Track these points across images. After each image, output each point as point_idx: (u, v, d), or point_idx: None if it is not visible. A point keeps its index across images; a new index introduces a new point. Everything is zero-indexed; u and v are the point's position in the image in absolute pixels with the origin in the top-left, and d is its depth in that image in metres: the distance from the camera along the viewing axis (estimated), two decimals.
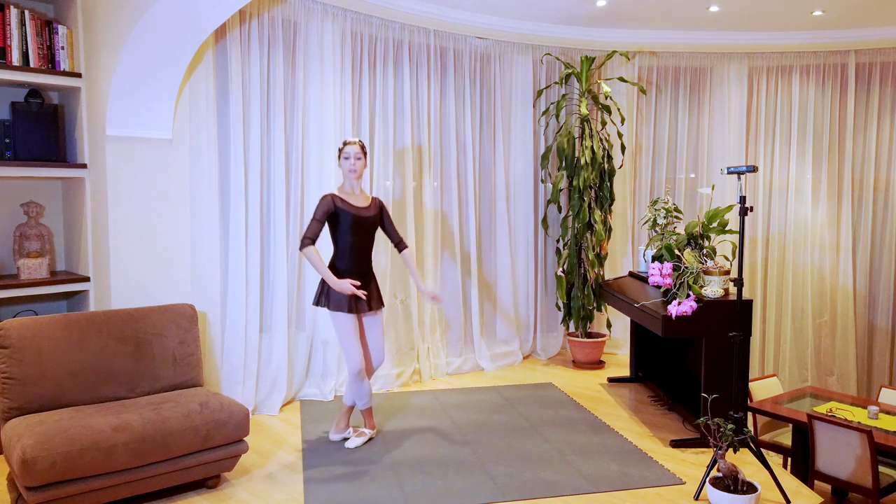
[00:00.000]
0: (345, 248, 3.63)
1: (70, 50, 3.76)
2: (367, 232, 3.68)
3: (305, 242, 3.45)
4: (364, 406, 3.76)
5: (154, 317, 3.49)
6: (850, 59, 5.96)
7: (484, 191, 5.66)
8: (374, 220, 3.71)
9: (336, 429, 3.84)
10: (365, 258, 3.70)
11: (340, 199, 3.59)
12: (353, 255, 3.64)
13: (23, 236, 3.77)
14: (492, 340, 5.70)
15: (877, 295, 6.07)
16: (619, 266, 6.09)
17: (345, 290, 3.47)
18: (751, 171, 3.31)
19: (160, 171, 3.84)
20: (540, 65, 5.80)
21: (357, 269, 3.65)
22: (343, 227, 3.60)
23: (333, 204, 3.56)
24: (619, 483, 3.30)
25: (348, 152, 3.64)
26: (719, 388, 3.68)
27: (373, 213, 3.70)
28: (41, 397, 3.07)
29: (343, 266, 3.63)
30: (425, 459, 3.56)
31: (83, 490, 2.76)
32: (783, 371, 6.13)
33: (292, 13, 4.42)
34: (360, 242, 3.65)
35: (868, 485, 3.48)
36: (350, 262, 3.64)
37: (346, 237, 3.61)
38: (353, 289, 3.48)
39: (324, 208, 3.54)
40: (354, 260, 3.64)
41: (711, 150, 6.15)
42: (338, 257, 3.65)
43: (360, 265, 3.68)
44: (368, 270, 3.73)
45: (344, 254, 3.63)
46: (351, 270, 3.63)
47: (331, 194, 3.59)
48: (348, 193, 3.66)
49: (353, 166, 3.63)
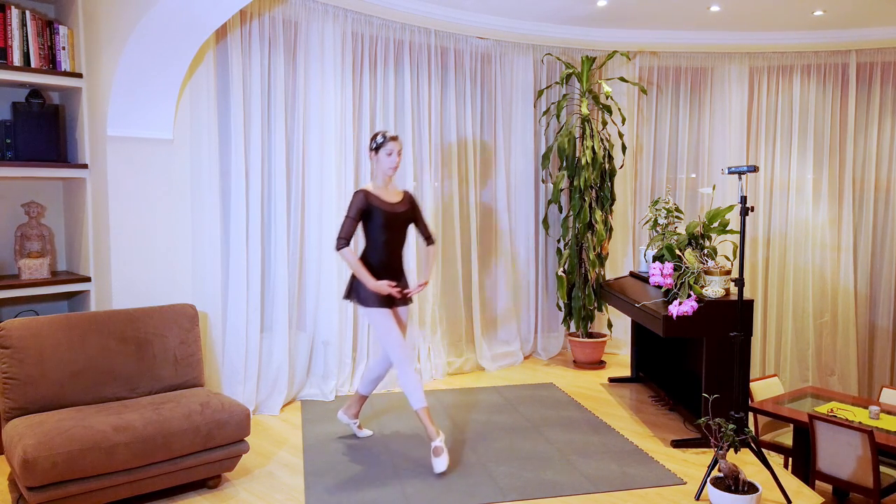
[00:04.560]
0: (377, 245, 3.52)
1: (71, 50, 3.76)
2: (400, 228, 3.58)
3: (341, 243, 3.36)
4: (420, 403, 3.43)
5: (155, 317, 3.49)
6: (850, 59, 5.95)
7: (485, 191, 5.66)
8: (406, 216, 3.60)
9: (345, 411, 3.87)
10: (397, 255, 3.60)
11: (373, 196, 3.48)
12: (386, 252, 3.54)
13: (24, 236, 3.77)
14: (492, 340, 5.70)
15: (878, 295, 6.07)
16: (619, 266, 6.09)
17: (382, 291, 3.40)
18: (751, 171, 3.30)
19: (161, 172, 3.84)
20: (540, 65, 5.80)
21: (389, 265, 3.55)
22: (376, 224, 3.49)
23: (366, 201, 3.45)
24: (619, 483, 3.30)
25: (391, 148, 3.50)
26: (720, 388, 3.67)
27: (405, 207, 3.59)
28: (42, 397, 3.07)
29: (375, 263, 3.52)
30: (426, 459, 3.56)
31: (84, 490, 2.77)
32: (784, 371, 6.12)
33: (293, 13, 4.42)
34: (393, 239, 3.55)
35: (869, 485, 3.48)
36: (382, 259, 3.53)
37: (378, 234, 3.50)
38: (389, 290, 3.40)
39: (357, 205, 3.43)
40: (387, 257, 3.54)
41: (712, 150, 6.15)
42: (370, 254, 3.54)
43: (392, 262, 3.57)
44: (400, 267, 3.63)
45: (376, 250, 3.53)
46: (383, 267, 3.53)
47: (363, 190, 3.48)
48: (381, 188, 3.55)
49: (395, 163, 3.52)
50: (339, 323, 4.64)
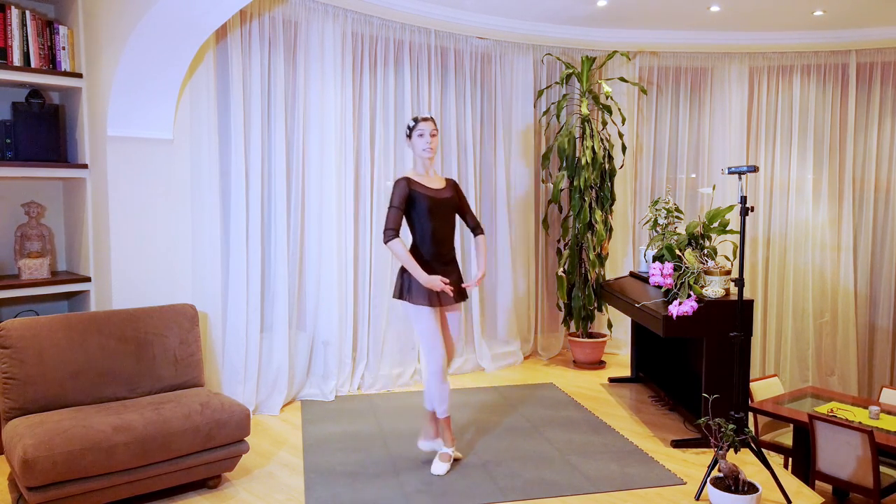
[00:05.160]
0: (424, 236, 3.34)
1: (71, 50, 3.76)
2: (447, 216, 3.41)
3: (389, 234, 3.22)
4: (443, 414, 3.43)
5: (155, 317, 3.49)
6: (850, 59, 5.95)
7: (485, 191, 5.65)
8: (452, 203, 3.44)
9: (425, 436, 3.55)
10: (448, 245, 3.42)
11: (415, 182, 3.34)
12: (435, 243, 3.35)
13: (24, 236, 3.77)
14: (493, 340, 5.70)
15: (878, 295, 6.07)
16: (619, 266, 6.09)
17: (434, 287, 3.24)
18: (751, 171, 3.30)
19: (161, 172, 3.84)
20: (540, 65, 5.80)
21: (440, 257, 3.38)
22: (420, 212, 3.32)
23: (409, 188, 3.30)
24: (619, 483, 3.30)
25: (422, 129, 3.35)
26: (720, 388, 3.67)
27: (450, 194, 3.44)
28: (42, 397, 3.07)
29: (426, 255, 3.35)
30: (426, 459, 3.55)
31: (84, 490, 2.77)
32: (784, 371, 6.12)
33: (293, 13, 4.42)
34: (441, 229, 3.37)
35: (869, 485, 3.48)
36: (432, 251, 3.35)
37: (424, 223, 3.33)
38: (443, 285, 3.24)
39: (400, 193, 3.28)
40: (436, 248, 3.36)
41: (712, 150, 6.15)
42: (419, 245, 3.36)
43: (443, 253, 3.39)
44: (452, 259, 3.46)
45: (424, 242, 3.35)
46: (434, 260, 3.35)
47: (405, 178, 3.34)
48: (422, 175, 3.40)
49: (430, 144, 3.34)
50: (339, 323, 4.64)
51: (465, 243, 5.45)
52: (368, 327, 4.87)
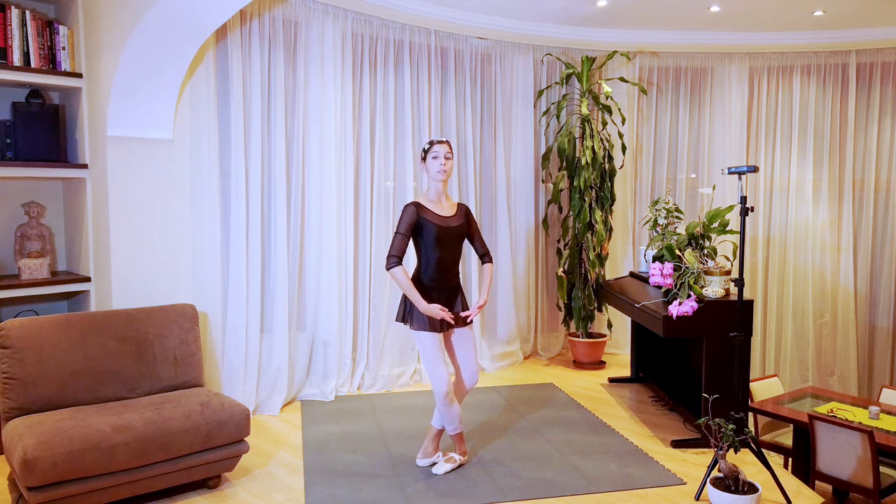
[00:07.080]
0: (430, 263, 3.31)
1: (71, 50, 3.76)
2: (454, 245, 3.36)
3: (392, 261, 3.19)
4: (454, 431, 3.44)
5: (155, 317, 3.49)
6: (850, 59, 5.95)
7: (485, 191, 5.65)
8: (460, 231, 3.39)
9: (423, 453, 3.52)
10: (452, 273, 3.38)
11: (425, 209, 3.29)
12: (439, 271, 3.32)
13: (24, 236, 3.77)
14: (493, 341, 5.70)
15: (878, 295, 6.07)
16: (619, 266, 6.09)
17: (434, 315, 3.22)
18: (751, 172, 3.30)
19: (161, 172, 3.84)
20: (540, 65, 5.80)
21: (444, 284, 3.35)
22: (427, 240, 3.28)
23: (417, 214, 3.26)
24: (619, 483, 3.30)
25: (437, 151, 3.29)
26: (720, 388, 3.67)
27: (459, 222, 3.39)
28: (42, 397, 3.07)
29: (428, 282, 3.32)
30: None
31: (84, 490, 2.77)
32: (784, 371, 6.12)
33: (293, 13, 4.42)
34: (447, 257, 3.33)
35: (869, 485, 3.48)
36: (435, 278, 3.32)
37: (430, 251, 3.29)
38: (441, 314, 3.22)
39: (408, 220, 3.24)
40: (440, 275, 3.33)
41: (712, 151, 6.15)
42: (422, 271, 3.34)
43: (447, 281, 3.36)
44: (455, 285, 3.42)
45: (428, 269, 3.32)
46: (436, 287, 3.33)
47: (415, 203, 3.29)
48: (433, 202, 3.34)
49: (444, 167, 3.28)
50: (339, 323, 4.64)
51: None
52: (368, 327, 4.87)
